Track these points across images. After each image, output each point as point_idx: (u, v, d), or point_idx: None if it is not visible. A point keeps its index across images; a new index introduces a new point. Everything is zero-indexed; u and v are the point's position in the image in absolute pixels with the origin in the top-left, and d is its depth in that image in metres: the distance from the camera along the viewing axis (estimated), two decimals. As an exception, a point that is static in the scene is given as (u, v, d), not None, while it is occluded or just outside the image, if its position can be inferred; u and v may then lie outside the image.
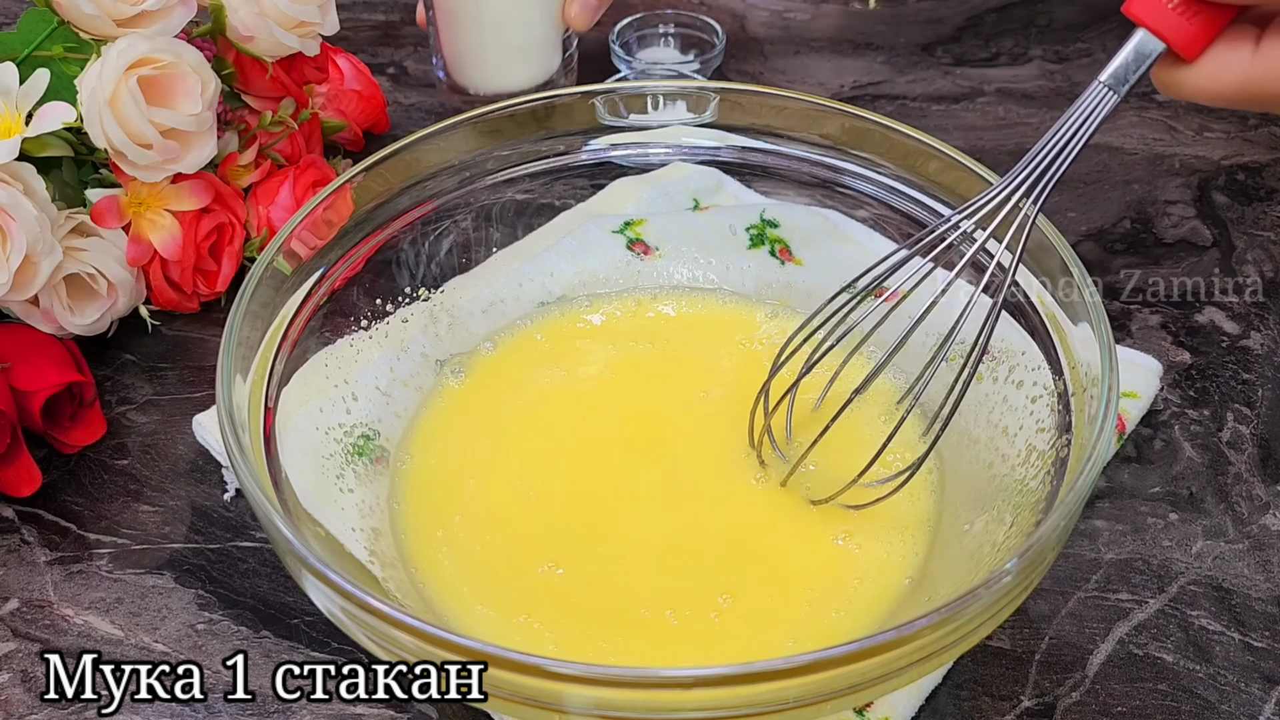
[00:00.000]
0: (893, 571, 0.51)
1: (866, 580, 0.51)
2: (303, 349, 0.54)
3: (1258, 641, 0.53)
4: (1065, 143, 0.48)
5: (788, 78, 0.90)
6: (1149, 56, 0.46)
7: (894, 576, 0.51)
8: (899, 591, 0.51)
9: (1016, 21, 0.95)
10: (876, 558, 0.52)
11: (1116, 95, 0.47)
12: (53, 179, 0.62)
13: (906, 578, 0.51)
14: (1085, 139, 0.48)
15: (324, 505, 0.51)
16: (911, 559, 0.52)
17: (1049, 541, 0.42)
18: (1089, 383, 0.48)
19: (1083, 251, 0.72)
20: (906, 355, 0.53)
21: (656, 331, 0.63)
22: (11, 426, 0.58)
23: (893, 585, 0.51)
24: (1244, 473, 0.60)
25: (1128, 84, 0.46)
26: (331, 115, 0.78)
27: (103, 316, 0.64)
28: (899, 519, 0.53)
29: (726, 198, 0.67)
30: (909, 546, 0.52)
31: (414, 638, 0.40)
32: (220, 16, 0.66)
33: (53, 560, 0.57)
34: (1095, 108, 0.47)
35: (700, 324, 0.63)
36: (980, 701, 0.51)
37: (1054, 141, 0.48)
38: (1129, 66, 0.46)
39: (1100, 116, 0.47)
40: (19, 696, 0.51)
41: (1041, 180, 0.49)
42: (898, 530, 0.53)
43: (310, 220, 0.55)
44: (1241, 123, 0.83)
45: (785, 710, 0.40)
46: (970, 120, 0.85)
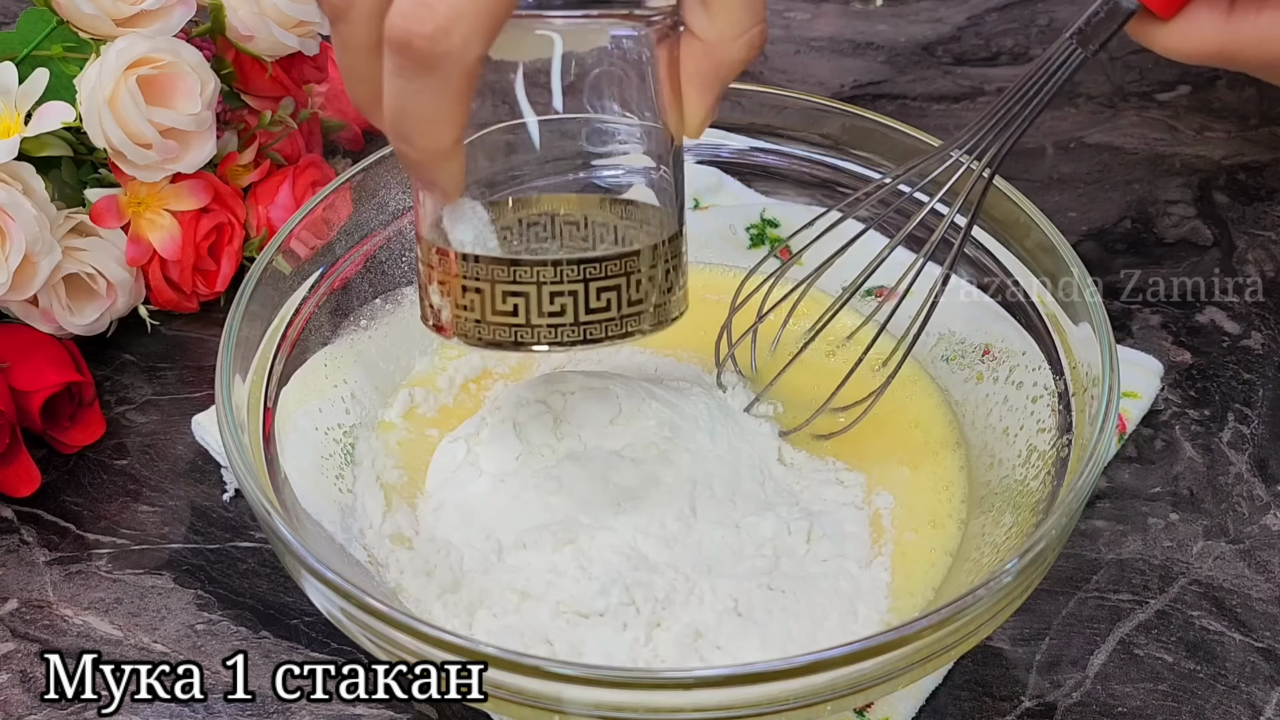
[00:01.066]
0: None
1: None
2: (303, 349, 0.54)
3: (1258, 642, 0.53)
4: (1027, 101, 0.47)
5: (788, 78, 0.89)
6: (1123, 14, 0.43)
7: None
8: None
9: (1016, 21, 0.95)
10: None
11: (1085, 52, 0.45)
12: (52, 179, 0.62)
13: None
14: (1049, 96, 0.46)
15: (324, 505, 0.51)
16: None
17: (1049, 541, 0.42)
18: (1089, 383, 0.48)
19: (1083, 251, 0.71)
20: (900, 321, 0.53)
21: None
22: (11, 426, 0.57)
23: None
24: (1244, 473, 0.60)
25: (1098, 41, 0.44)
26: (331, 115, 0.78)
27: (102, 316, 0.64)
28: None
29: (726, 197, 0.66)
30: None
31: (414, 638, 0.40)
32: (220, 16, 0.66)
33: (52, 560, 0.57)
34: (1062, 65, 0.46)
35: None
36: (980, 702, 0.51)
37: (1017, 98, 0.47)
38: (1102, 23, 0.44)
39: (1066, 74, 0.46)
40: (19, 696, 0.51)
41: (1001, 137, 0.48)
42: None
43: (310, 220, 0.55)
44: (1242, 122, 0.83)
45: (785, 710, 0.40)
46: (970, 120, 0.85)
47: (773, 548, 0.50)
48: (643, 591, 0.47)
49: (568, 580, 0.48)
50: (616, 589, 0.47)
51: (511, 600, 0.48)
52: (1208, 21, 0.42)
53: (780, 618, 0.47)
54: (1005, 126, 0.48)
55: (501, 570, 0.48)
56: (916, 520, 0.53)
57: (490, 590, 0.48)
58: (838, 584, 0.49)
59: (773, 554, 0.50)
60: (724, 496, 0.51)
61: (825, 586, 0.49)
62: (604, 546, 0.48)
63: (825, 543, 0.50)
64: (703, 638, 0.47)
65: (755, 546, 0.50)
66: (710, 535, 0.49)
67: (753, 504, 0.51)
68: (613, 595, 0.47)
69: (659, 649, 0.46)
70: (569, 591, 0.47)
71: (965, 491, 0.54)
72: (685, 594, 0.48)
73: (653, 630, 0.47)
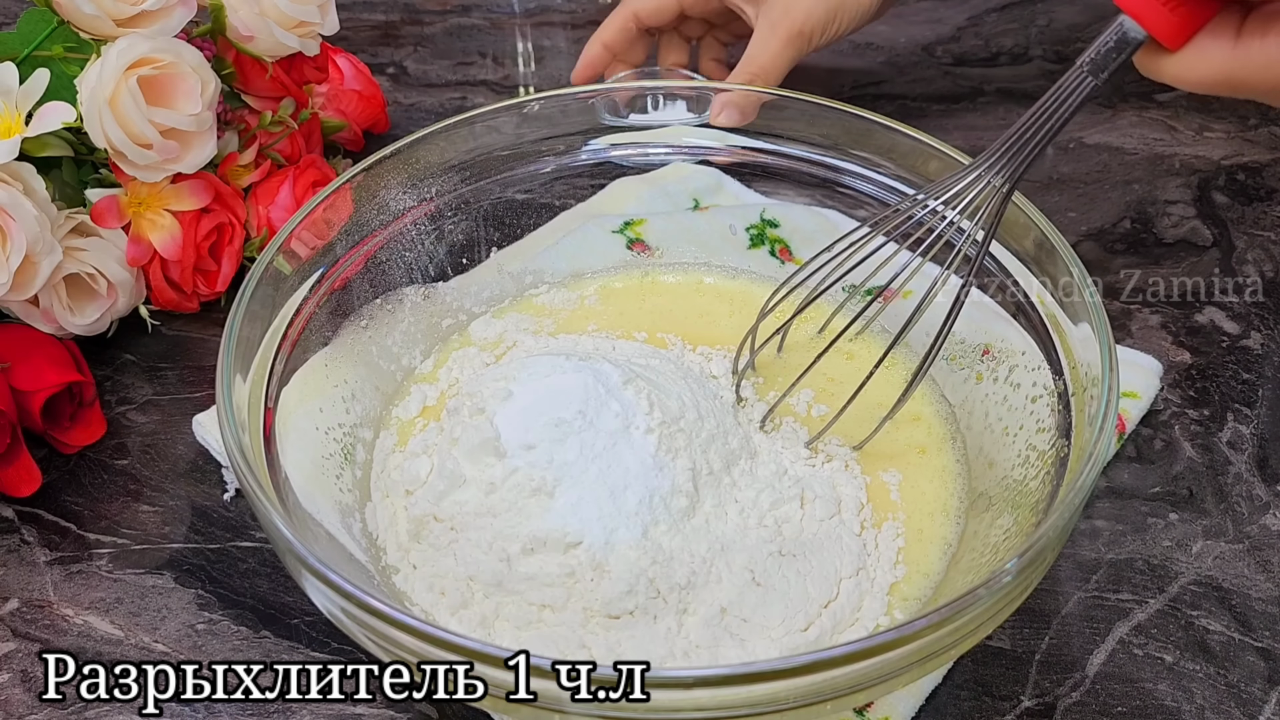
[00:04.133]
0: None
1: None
2: (303, 349, 0.54)
3: (1258, 641, 0.53)
4: (1042, 125, 0.48)
5: (788, 77, 0.89)
6: (1131, 44, 0.45)
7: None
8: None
9: (1016, 21, 0.95)
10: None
11: (1096, 80, 0.46)
12: (53, 179, 0.62)
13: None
14: (1062, 122, 0.47)
15: (324, 505, 0.51)
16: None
17: (1049, 541, 0.42)
18: (1089, 383, 0.48)
19: (1083, 251, 0.72)
20: (893, 320, 0.54)
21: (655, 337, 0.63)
22: (11, 426, 0.58)
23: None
24: (1244, 473, 0.60)
25: (1108, 70, 0.46)
26: (331, 115, 0.78)
27: (102, 316, 0.64)
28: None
29: (726, 197, 0.67)
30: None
31: (414, 638, 0.40)
32: (220, 16, 0.66)
33: (52, 560, 0.57)
34: (1074, 91, 0.47)
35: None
36: (980, 701, 0.51)
37: (1031, 123, 0.48)
38: (1111, 53, 0.46)
39: (1078, 101, 0.47)
40: (19, 696, 0.51)
41: (1015, 161, 0.49)
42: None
43: (310, 220, 0.55)
44: (1242, 123, 0.83)
45: (785, 710, 0.40)
46: (970, 120, 0.85)
47: (773, 517, 0.51)
48: (665, 582, 0.48)
49: (587, 584, 0.48)
50: (642, 584, 0.47)
51: (532, 611, 0.48)
52: (1214, 51, 0.43)
53: (797, 581, 0.49)
54: (1019, 151, 0.49)
55: (514, 580, 0.48)
56: (915, 506, 0.54)
57: (506, 603, 0.48)
58: (842, 542, 0.51)
59: (774, 523, 0.51)
60: (720, 473, 0.51)
61: (831, 546, 0.51)
62: (618, 544, 0.48)
63: (819, 504, 0.52)
64: (728, 613, 0.48)
65: (758, 518, 0.51)
66: (716, 514, 0.50)
67: (746, 477, 0.52)
68: (640, 593, 0.47)
69: (690, 634, 0.47)
70: (594, 595, 0.47)
71: (965, 484, 0.54)
72: (705, 576, 0.48)
73: (681, 617, 0.47)
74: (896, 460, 0.55)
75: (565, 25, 0.96)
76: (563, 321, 0.63)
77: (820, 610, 0.49)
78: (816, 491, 0.52)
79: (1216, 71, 0.43)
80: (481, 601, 0.48)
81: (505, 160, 0.63)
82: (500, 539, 0.49)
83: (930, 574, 0.51)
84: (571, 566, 0.48)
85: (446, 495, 0.51)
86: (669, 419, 0.51)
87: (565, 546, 0.48)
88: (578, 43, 0.93)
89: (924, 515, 0.53)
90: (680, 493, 0.50)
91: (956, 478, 0.55)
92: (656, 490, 0.49)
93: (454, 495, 0.51)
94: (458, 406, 0.53)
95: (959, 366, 0.58)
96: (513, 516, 0.49)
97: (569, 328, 0.62)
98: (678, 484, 0.50)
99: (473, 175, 0.62)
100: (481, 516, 0.50)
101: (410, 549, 0.51)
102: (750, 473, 0.52)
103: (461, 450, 0.51)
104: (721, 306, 0.63)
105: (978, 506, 0.53)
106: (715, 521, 0.50)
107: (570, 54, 0.93)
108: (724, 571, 0.49)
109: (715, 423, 0.53)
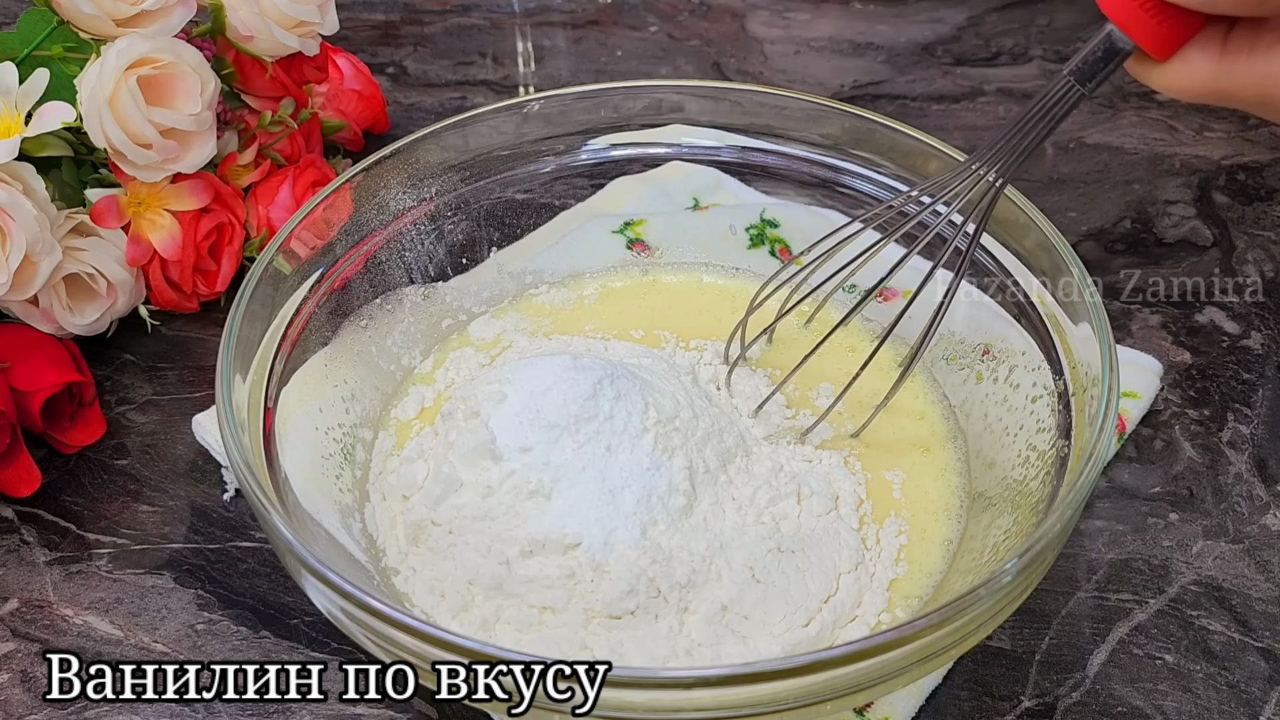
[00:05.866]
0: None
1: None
2: (302, 349, 0.54)
3: (1258, 641, 0.53)
4: (1028, 133, 0.47)
5: (788, 78, 0.90)
6: (1118, 54, 0.45)
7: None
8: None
9: (1016, 21, 0.95)
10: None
11: (1082, 90, 0.46)
12: (52, 179, 0.62)
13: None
14: (1046, 132, 0.47)
15: (324, 506, 0.51)
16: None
17: (1049, 542, 0.42)
18: (1089, 383, 0.48)
19: (1083, 251, 0.72)
20: (891, 316, 0.54)
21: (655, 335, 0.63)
22: (11, 426, 0.57)
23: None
24: (1244, 473, 0.60)
25: (1095, 80, 0.45)
26: (331, 115, 0.78)
27: (102, 316, 0.64)
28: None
29: (726, 197, 0.67)
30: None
31: (414, 638, 0.40)
32: (220, 16, 0.66)
33: (52, 560, 0.57)
34: (1059, 101, 0.46)
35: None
36: (980, 701, 0.51)
37: (1018, 130, 0.48)
38: (1098, 64, 0.45)
39: (1063, 111, 0.46)
40: (19, 696, 0.51)
41: (1007, 158, 0.48)
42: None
43: (310, 220, 0.55)
44: (1242, 123, 0.83)
45: (785, 710, 0.40)
46: (970, 120, 0.85)
47: (771, 514, 0.51)
48: (666, 581, 0.48)
49: (587, 585, 0.48)
50: (643, 583, 0.47)
51: (533, 613, 0.48)
52: (1201, 63, 0.43)
53: (796, 577, 0.49)
54: (1005, 157, 0.49)
55: (514, 583, 0.48)
56: (918, 504, 0.54)
57: (507, 606, 0.48)
58: (839, 537, 0.51)
59: (772, 520, 0.51)
60: (717, 471, 0.51)
61: (829, 541, 0.51)
62: (617, 544, 0.48)
63: (815, 500, 0.52)
64: (730, 611, 0.48)
65: (755, 515, 0.51)
66: (714, 512, 0.50)
67: (743, 475, 0.52)
68: (640, 592, 0.47)
69: (692, 633, 0.47)
70: (595, 596, 0.47)
71: (966, 484, 0.54)
72: (705, 574, 0.48)
73: (683, 616, 0.48)
74: (900, 458, 0.55)
75: (565, 25, 0.96)
76: (562, 321, 0.63)
77: (820, 605, 0.49)
78: (813, 487, 0.52)
79: (1203, 83, 0.43)
80: (482, 604, 0.48)
81: (505, 160, 0.63)
82: (499, 542, 0.49)
83: (932, 572, 0.51)
84: (571, 568, 0.48)
85: (443, 499, 0.51)
86: (664, 418, 0.51)
87: (564, 548, 0.48)
88: (578, 43, 0.93)
89: (927, 514, 0.53)
90: (678, 491, 0.50)
91: (959, 476, 0.55)
92: (654, 489, 0.49)
93: (451, 499, 0.50)
94: (452, 410, 0.53)
95: (959, 366, 0.58)
96: (510, 519, 0.49)
97: (568, 328, 0.62)
98: (675, 483, 0.50)
99: (472, 175, 0.62)
100: (479, 520, 0.50)
101: (409, 552, 0.51)
102: (746, 470, 0.52)
103: (457, 454, 0.51)
104: (721, 306, 0.63)
105: (978, 506, 0.53)
106: (713, 519, 0.50)
107: (570, 54, 0.93)
108: (724, 569, 0.49)
109: (710, 421, 0.53)
